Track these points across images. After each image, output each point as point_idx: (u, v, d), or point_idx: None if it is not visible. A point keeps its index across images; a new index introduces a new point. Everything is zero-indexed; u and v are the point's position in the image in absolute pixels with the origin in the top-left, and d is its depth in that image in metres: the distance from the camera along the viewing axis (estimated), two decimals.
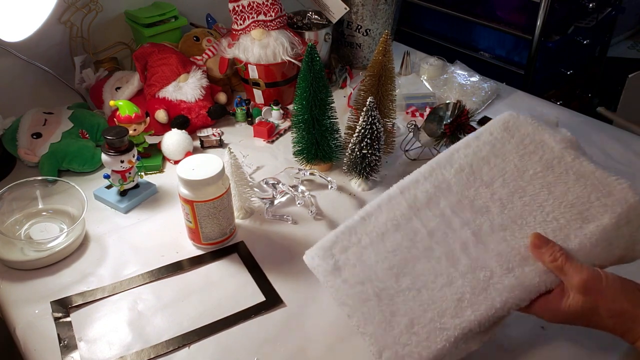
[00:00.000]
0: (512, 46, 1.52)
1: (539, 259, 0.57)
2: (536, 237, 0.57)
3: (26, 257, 0.75)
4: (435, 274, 0.60)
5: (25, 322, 0.69)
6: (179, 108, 1.04)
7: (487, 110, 1.15)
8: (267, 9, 1.06)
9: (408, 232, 0.63)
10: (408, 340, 0.57)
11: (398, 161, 0.99)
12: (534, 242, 0.57)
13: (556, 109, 1.16)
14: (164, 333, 0.67)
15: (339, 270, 0.63)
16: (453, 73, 1.24)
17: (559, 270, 0.55)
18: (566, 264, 0.55)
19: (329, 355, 0.65)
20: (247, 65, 1.09)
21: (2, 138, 0.96)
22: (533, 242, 0.57)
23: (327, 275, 0.63)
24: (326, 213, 0.86)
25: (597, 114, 1.19)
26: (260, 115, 1.09)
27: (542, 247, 0.57)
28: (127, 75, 1.10)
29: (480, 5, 1.54)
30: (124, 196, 0.88)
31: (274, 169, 0.96)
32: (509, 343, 0.65)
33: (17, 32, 0.86)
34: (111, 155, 0.82)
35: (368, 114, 0.82)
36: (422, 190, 0.66)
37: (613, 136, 1.05)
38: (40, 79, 1.09)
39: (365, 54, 1.30)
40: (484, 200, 0.63)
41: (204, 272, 0.77)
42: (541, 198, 0.61)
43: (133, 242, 0.81)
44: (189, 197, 0.74)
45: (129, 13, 1.15)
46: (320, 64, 0.86)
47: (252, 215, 0.86)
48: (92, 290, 0.73)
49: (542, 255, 0.56)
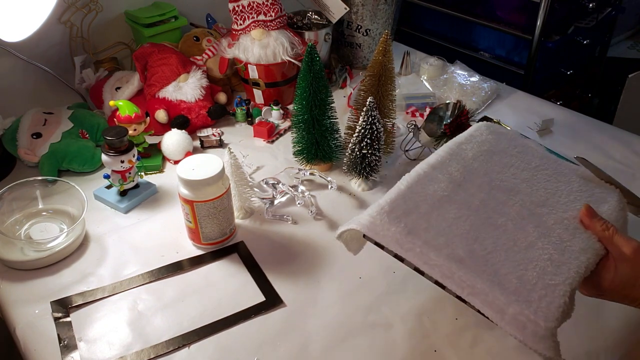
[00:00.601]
0: (512, 46, 1.52)
1: (590, 228, 0.60)
2: (588, 208, 0.61)
3: (26, 257, 0.75)
4: (511, 239, 0.59)
5: (25, 322, 0.69)
6: (179, 108, 1.04)
7: (487, 110, 1.15)
8: (267, 9, 1.06)
9: (461, 203, 0.61)
10: (528, 297, 0.52)
11: (398, 161, 0.99)
12: (586, 212, 0.61)
13: (556, 109, 1.16)
14: (164, 333, 0.67)
15: (413, 233, 0.56)
16: (453, 73, 1.24)
17: (609, 240, 0.58)
18: (615, 234, 0.58)
19: (329, 355, 0.65)
20: (247, 65, 1.09)
21: (2, 138, 0.96)
22: (586, 212, 0.61)
23: (402, 239, 0.55)
24: (326, 213, 0.86)
25: (597, 114, 1.19)
26: (260, 115, 1.09)
27: (594, 218, 0.60)
28: (127, 75, 1.10)
29: (480, 5, 1.54)
30: (124, 196, 0.88)
31: (274, 169, 0.96)
32: (509, 343, 0.65)
33: (17, 32, 0.86)
34: (111, 155, 0.82)
35: (368, 114, 0.82)
36: (454, 168, 0.65)
37: (613, 136, 1.05)
38: (40, 79, 1.09)
39: (365, 54, 1.30)
40: (511, 182, 0.66)
41: (204, 272, 0.77)
42: (553, 185, 0.65)
43: (133, 242, 0.81)
44: (189, 197, 0.74)
45: (129, 13, 1.15)
46: (320, 64, 0.86)
47: (252, 215, 0.86)
48: (92, 290, 0.73)
49: (594, 225, 0.59)
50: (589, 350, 0.65)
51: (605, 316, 0.68)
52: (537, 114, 1.12)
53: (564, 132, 1.07)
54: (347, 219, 0.85)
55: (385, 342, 0.66)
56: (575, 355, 0.64)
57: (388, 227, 0.56)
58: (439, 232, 0.57)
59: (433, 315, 0.69)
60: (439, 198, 0.61)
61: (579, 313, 0.68)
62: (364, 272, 0.75)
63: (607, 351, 0.65)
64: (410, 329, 0.67)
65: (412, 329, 0.67)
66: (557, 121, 1.09)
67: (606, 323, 0.68)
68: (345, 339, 0.66)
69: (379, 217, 0.57)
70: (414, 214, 0.58)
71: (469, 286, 0.53)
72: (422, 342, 0.66)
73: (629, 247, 0.56)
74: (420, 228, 0.57)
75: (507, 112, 1.14)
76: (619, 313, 0.68)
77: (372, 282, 0.74)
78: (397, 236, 0.56)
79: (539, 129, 1.07)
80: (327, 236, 0.81)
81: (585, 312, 0.69)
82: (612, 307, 0.69)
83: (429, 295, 0.72)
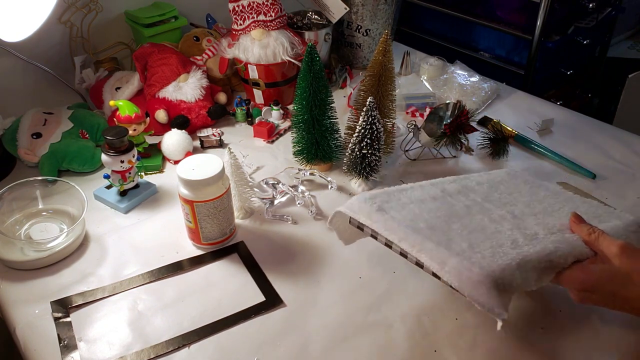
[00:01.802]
0: (512, 46, 1.52)
1: (577, 232, 0.62)
2: (575, 214, 0.64)
3: (26, 257, 0.75)
4: (481, 226, 0.63)
5: (25, 322, 0.69)
6: (179, 108, 1.04)
7: (487, 110, 1.15)
8: (267, 9, 1.06)
9: (446, 204, 0.66)
10: (472, 256, 0.56)
11: (398, 161, 0.99)
12: (574, 218, 0.64)
13: (556, 109, 1.16)
14: (164, 333, 0.67)
15: (384, 211, 0.63)
16: (453, 73, 1.24)
17: (595, 242, 0.60)
18: (601, 236, 0.60)
19: (329, 355, 0.65)
20: (247, 65, 1.09)
21: (2, 138, 0.96)
22: (573, 219, 0.64)
23: (371, 214, 0.63)
24: (326, 213, 0.86)
25: (597, 114, 1.19)
26: (260, 115, 1.09)
27: (581, 223, 0.63)
28: (127, 75, 1.10)
29: (480, 5, 1.54)
30: (124, 196, 0.88)
31: (274, 169, 0.96)
32: (509, 343, 0.65)
33: (17, 32, 0.86)
34: (111, 155, 0.82)
35: (368, 114, 0.82)
36: (451, 187, 0.70)
37: (613, 136, 1.05)
38: (40, 79, 1.09)
39: (365, 54, 1.30)
40: (509, 200, 0.69)
41: (204, 272, 0.77)
42: (558, 206, 0.69)
43: (133, 242, 0.81)
44: (189, 197, 0.74)
45: (129, 13, 1.15)
46: (320, 64, 0.86)
47: (252, 215, 0.86)
48: (92, 290, 0.73)
49: (581, 229, 0.62)
50: (589, 350, 0.65)
51: (605, 316, 0.68)
52: (537, 114, 1.12)
53: (564, 132, 1.07)
54: None
55: (385, 342, 0.66)
56: (574, 354, 0.64)
57: (363, 206, 0.65)
58: (408, 214, 0.63)
59: (433, 315, 0.69)
60: (423, 199, 0.67)
61: (578, 313, 0.68)
62: (364, 272, 0.75)
63: (606, 351, 0.64)
64: (410, 329, 0.67)
65: (412, 329, 0.67)
66: (557, 121, 1.09)
67: (605, 323, 0.68)
68: (345, 339, 0.66)
69: (357, 199, 0.66)
70: (392, 202, 0.66)
71: (419, 244, 0.58)
72: (422, 342, 0.66)
73: (615, 246, 0.58)
74: (394, 209, 0.64)
75: (507, 112, 1.14)
76: (618, 313, 0.68)
77: (372, 282, 0.74)
78: (368, 211, 0.64)
79: (539, 129, 1.07)
80: (327, 236, 0.81)
81: (585, 311, 0.69)
82: None
83: (429, 295, 0.72)
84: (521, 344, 0.65)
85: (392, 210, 0.64)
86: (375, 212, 0.63)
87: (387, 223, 0.61)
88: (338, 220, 0.70)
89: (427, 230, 0.60)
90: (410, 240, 0.59)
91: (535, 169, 0.96)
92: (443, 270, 0.56)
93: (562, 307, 0.69)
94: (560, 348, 0.65)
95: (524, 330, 0.67)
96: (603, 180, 0.93)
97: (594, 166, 0.95)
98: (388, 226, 0.61)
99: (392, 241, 0.60)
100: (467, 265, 0.55)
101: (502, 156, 0.98)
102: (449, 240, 0.59)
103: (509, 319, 0.68)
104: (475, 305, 0.54)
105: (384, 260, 0.77)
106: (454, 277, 0.55)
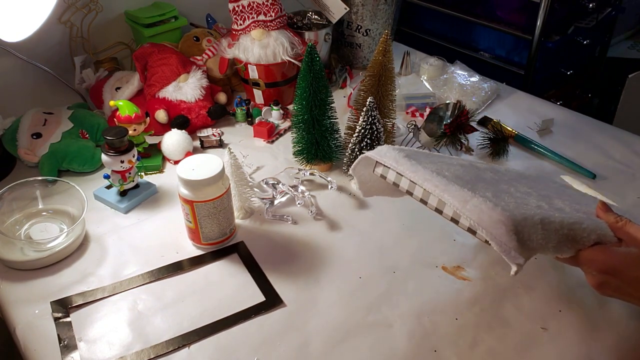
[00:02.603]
0: (512, 46, 1.52)
1: (604, 218, 0.62)
2: (602, 202, 0.64)
3: (26, 257, 0.75)
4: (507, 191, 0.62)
5: (25, 322, 0.69)
6: (179, 108, 1.04)
7: (487, 110, 1.15)
8: (267, 9, 1.06)
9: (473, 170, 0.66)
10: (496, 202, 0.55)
11: None
12: (601, 206, 0.63)
13: (556, 109, 1.16)
14: (164, 333, 0.67)
15: (410, 157, 0.63)
16: (453, 73, 1.24)
17: (623, 228, 0.60)
18: (628, 224, 0.60)
19: (329, 355, 0.65)
20: (247, 66, 1.09)
21: (2, 138, 0.96)
22: (601, 206, 0.63)
23: (398, 159, 0.63)
24: (326, 213, 0.86)
25: (597, 114, 1.19)
26: (260, 116, 1.09)
27: (608, 211, 0.62)
28: (127, 75, 1.10)
29: (480, 5, 1.54)
30: (124, 196, 0.88)
31: (274, 169, 0.96)
32: (509, 343, 0.65)
33: (17, 32, 0.86)
34: (111, 155, 0.82)
35: (368, 114, 0.82)
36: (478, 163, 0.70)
37: (613, 136, 1.05)
38: (40, 79, 1.09)
39: (365, 54, 1.30)
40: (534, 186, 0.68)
41: (204, 272, 0.77)
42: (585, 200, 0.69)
43: (133, 242, 0.81)
44: (189, 197, 0.74)
45: (129, 13, 1.15)
46: (320, 64, 0.86)
47: (252, 215, 0.86)
48: (92, 290, 0.73)
49: (607, 217, 0.61)
50: (589, 350, 0.65)
51: (606, 316, 0.68)
52: (537, 114, 1.12)
53: (564, 132, 1.07)
54: (347, 219, 0.86)
55: (385, 342, 0.66)
56: (574, 354, 0.64)
57: (391, 152, 0.65)
58: (435, 167, 0.62)
59: (433, 315, 0.69)
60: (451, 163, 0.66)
61: (579, 313, 0.68)
62: (364, 272, 0.75)
63: (606, 351, 0.64)
64: (410, 329, 0.67)
65: (412, 329, 0.67)
66: (557, 121, 1.09)
67: (606, 323, 0.68)
68: (345, 339, 0.66)
69: (385, 147, 0.66)
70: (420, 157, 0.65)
71: (443, 185, 0.58)
72: (422, 342, 0.66)
73: None
74: (418, 159, 0.64)
75: (507, 112, 1.14)
76: (620, 311, 0.68)
77: (372, 282, 0.74)
78: (396, 156, 0.64)
79: (539, 129, 1.07)
80: (327, 236, 0.81)
81: (585, 311, 0.69)
82: (613, 307, 0.69)
83: (429, 295, 0.72)
84: (521, 344, 0.65)
85: (417, 159, 0.63)
86: (403, 158, 0.63)
87: (413, 166, 0.61)
88: (362, 168, 0.69)
89: (452, 177, 0.60)
90: (435, 181, 0.58)
91: (535, 169, 0.96)
92: (464, 208, 0.55)
93: (562, 307, 0.69)
94: (560, 348, 0.65)
95: (524, 330, 0.67)
96: (603, 180, 0.93)
97: (594, 166, 0.95)
98: (414, 169, 0.61)
99: (416, 182, 0.60)
100: (489, 205, 0.54)
101: (502, 156, 0.98)
102: (473, 190, 0.58)
103: (509, 319, 0.68)
104: (492, 245, 0.52)
105: (384, 260, 0.77)
106: (474, 215, 0.54)
